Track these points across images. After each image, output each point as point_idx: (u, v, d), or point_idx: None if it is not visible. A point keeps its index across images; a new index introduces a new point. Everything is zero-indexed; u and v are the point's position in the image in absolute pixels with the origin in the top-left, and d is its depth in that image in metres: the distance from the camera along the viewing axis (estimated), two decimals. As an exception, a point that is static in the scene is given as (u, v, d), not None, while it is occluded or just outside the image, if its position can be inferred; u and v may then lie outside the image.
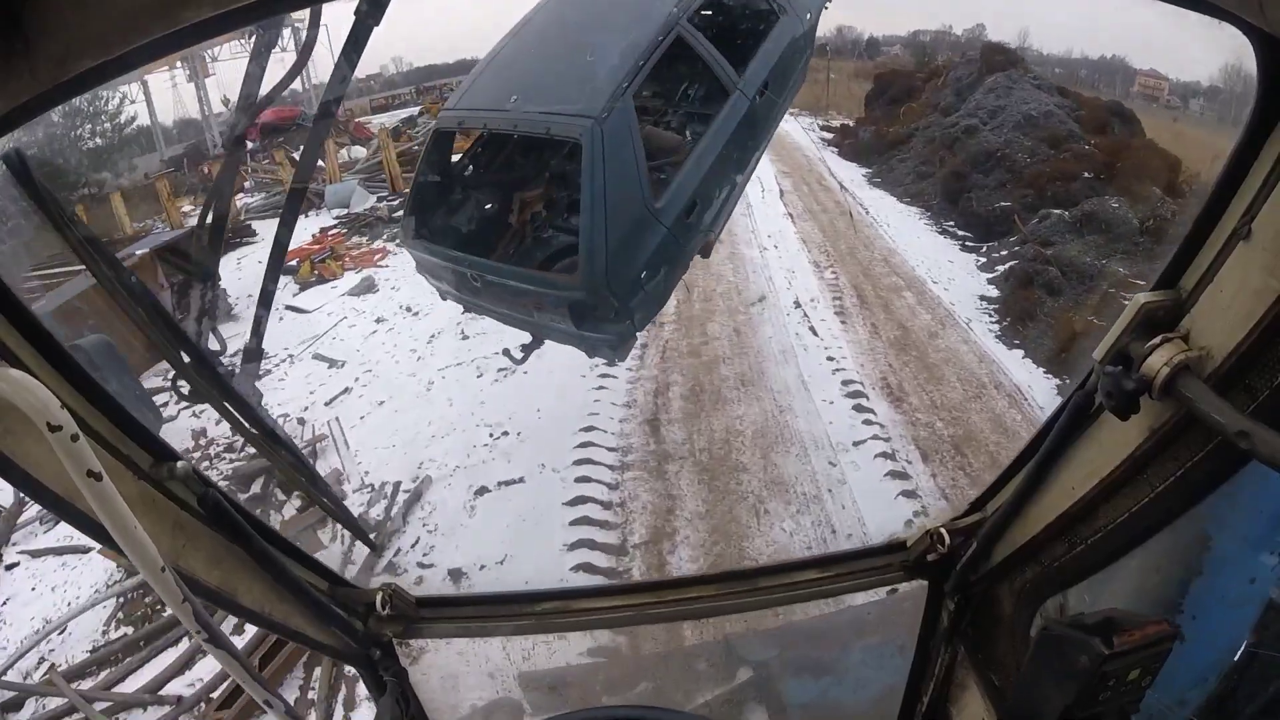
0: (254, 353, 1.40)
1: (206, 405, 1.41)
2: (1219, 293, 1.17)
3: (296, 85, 31.64)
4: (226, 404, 1.39)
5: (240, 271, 15.42)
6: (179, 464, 1.38)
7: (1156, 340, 1.21)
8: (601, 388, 11.02)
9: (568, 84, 6.16)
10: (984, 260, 15.10)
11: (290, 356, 13.39)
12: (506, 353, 7.95)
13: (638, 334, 6.68)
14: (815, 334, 12.24)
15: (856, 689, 2.91)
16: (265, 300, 1.55)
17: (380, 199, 22.29)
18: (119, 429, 1.33)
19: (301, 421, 11.18)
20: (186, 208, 23.50)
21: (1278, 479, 1.06)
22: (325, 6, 1.11)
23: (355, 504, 9.23)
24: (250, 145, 27.75)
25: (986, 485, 1.90)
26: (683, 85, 7.86)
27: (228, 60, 29.16)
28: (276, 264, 1.64)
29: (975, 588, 1.92)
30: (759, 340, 12.16)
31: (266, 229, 19.60)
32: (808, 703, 3.15)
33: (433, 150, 7.13)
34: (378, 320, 14.44)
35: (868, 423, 9.70)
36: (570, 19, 7.09)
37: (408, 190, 7.84)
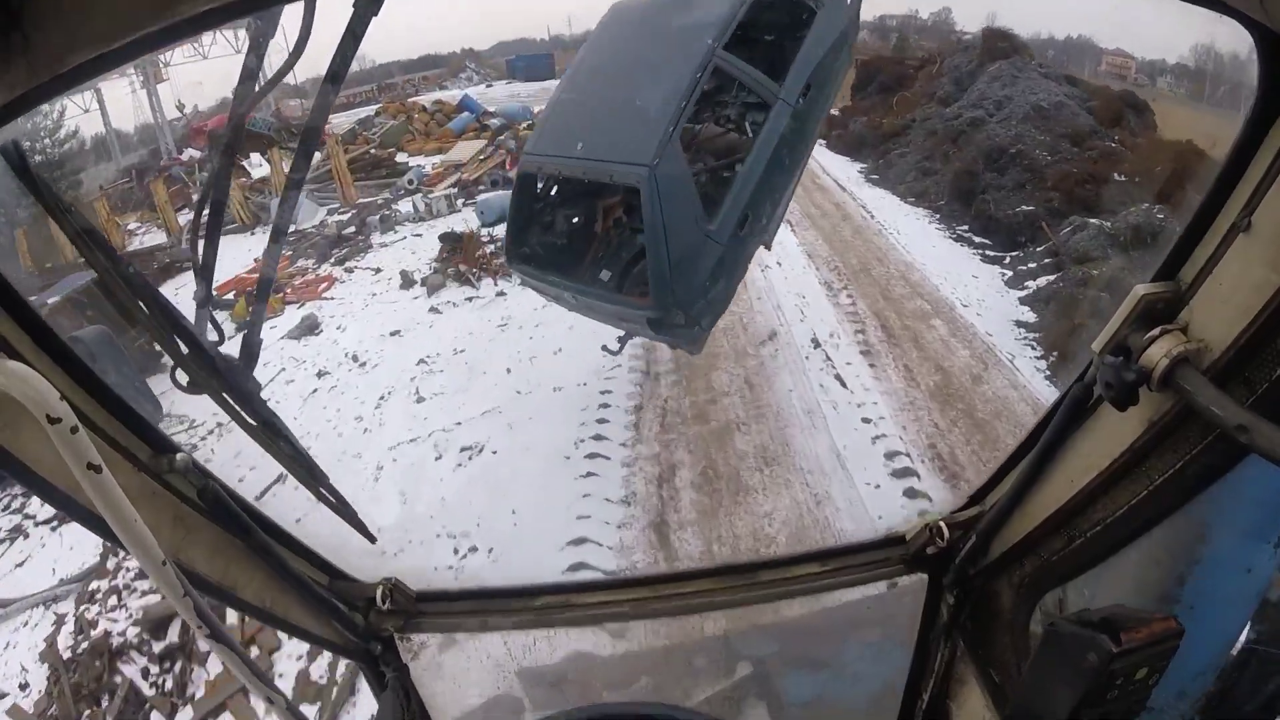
0: (252, 344, 1.40)
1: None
2: (1218, 285, 1.17)
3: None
4: (225, 395, 1.39)
5: (179, 306, 13.53)
6: (179, 456, 1.38)
7: (1156, 332, 1.21)
8: (591, 474, 8.92)
9: (622, 132, 7.03)
10: (1010, 274, 13.53)
11: (216, 428, 10.71)
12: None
13: (707, 333, 7.71)
14: (843, 384, 10.28)
15: (856, 684, 2.91)
16: (263, 290, 1.55)
17: (331, 213, 20.86)
18: (119, 421, 1.33)
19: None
20: (133, 225, 22.14)
21: (1274, 470, 1.05)
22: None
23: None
24: (196, 154, 26.66)
25: (985, 478, 1.90)
26: (727, 105, 8.19)
27: (181, 64, 28.13)
28: (274, 252, 1.64)
29: (974, 581, 1.93)
30: (777, 395, 10.16)
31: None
32: (807, 698, 3.15)
33: (519, 189, 8.33)
34: (319, 374, 12.53)
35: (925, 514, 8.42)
36: (618, 59, 7.85)
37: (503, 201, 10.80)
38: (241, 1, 0.97)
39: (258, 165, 24.59)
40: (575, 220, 8.51)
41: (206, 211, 1.31)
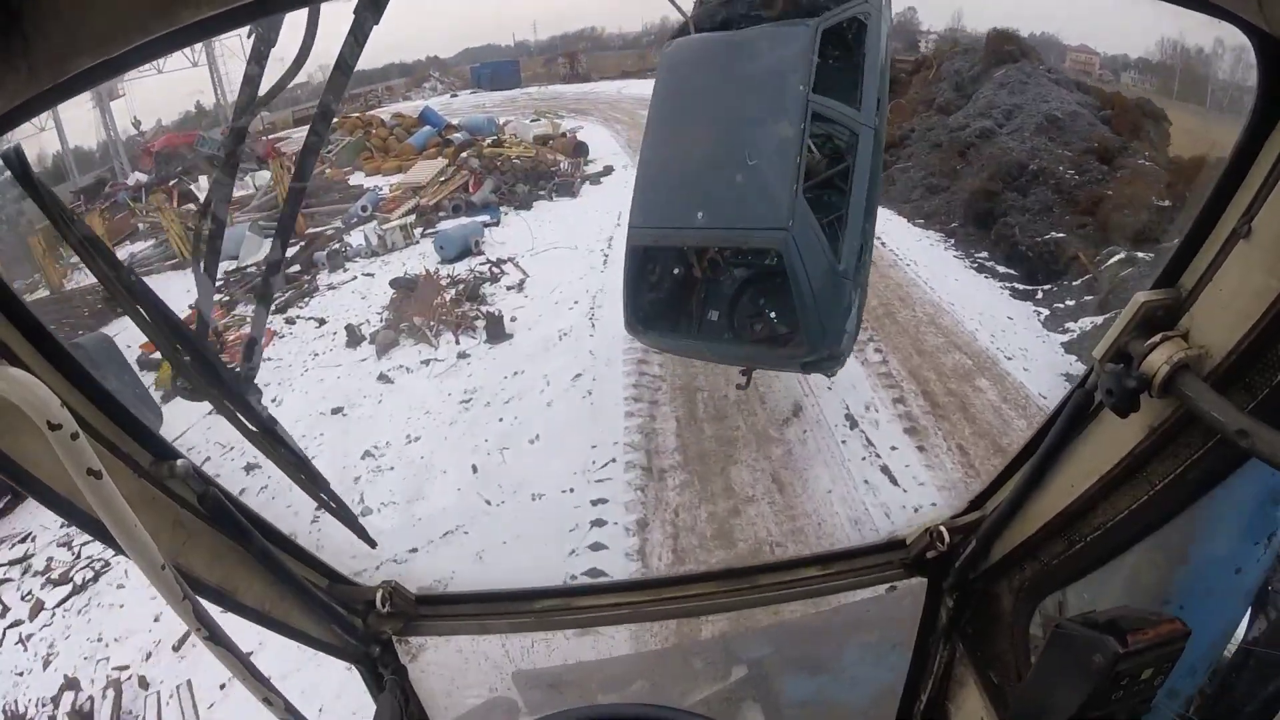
0: (253, 350, 1.40)
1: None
2: (1219, 291, 1.18)
3: (212, 99, 27.48)
4: (226, 402, 1.39)
5: (131, 345, 11.36)
6: (179, 462, 1.38)
7: (1156, 338, 1.21)
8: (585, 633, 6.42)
9: (745, 195, 7.05)
10: (1046, 313, 12.04)
11: (89, 582, 8.91)
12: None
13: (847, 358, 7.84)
14: (893, 481, 8.56)
15: (855, 686, 2.91)
16: (264, 298, 1.55)
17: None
18: (119, 427, 1.33)
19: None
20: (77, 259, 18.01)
21: (1263, 471, 1.06)
22: (324, 6, 1.10)
23: None
24: (142, 178, 23.81)
25: (986, 483, 1.90)
26: (819, 137, 8.12)
27: (135, 79, 25.12)
28: (274, 269, 1.64)
29: (974, 585, 1.93)
30: (814, 499, 8.36)
31: (160, 284, 14.21)
32: (806, 700, 3.16)
33: (633, 264, 8.06)
34: (246, 469, 9.03)
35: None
36: (703, 111, 7.60)
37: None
38: (244, 8, 0.96)
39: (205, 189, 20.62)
40: (676, 272, 8.58)
41: (208, 214, 1.30)
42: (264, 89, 1.26)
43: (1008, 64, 18.28)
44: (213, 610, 1.32)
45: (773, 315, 8.06)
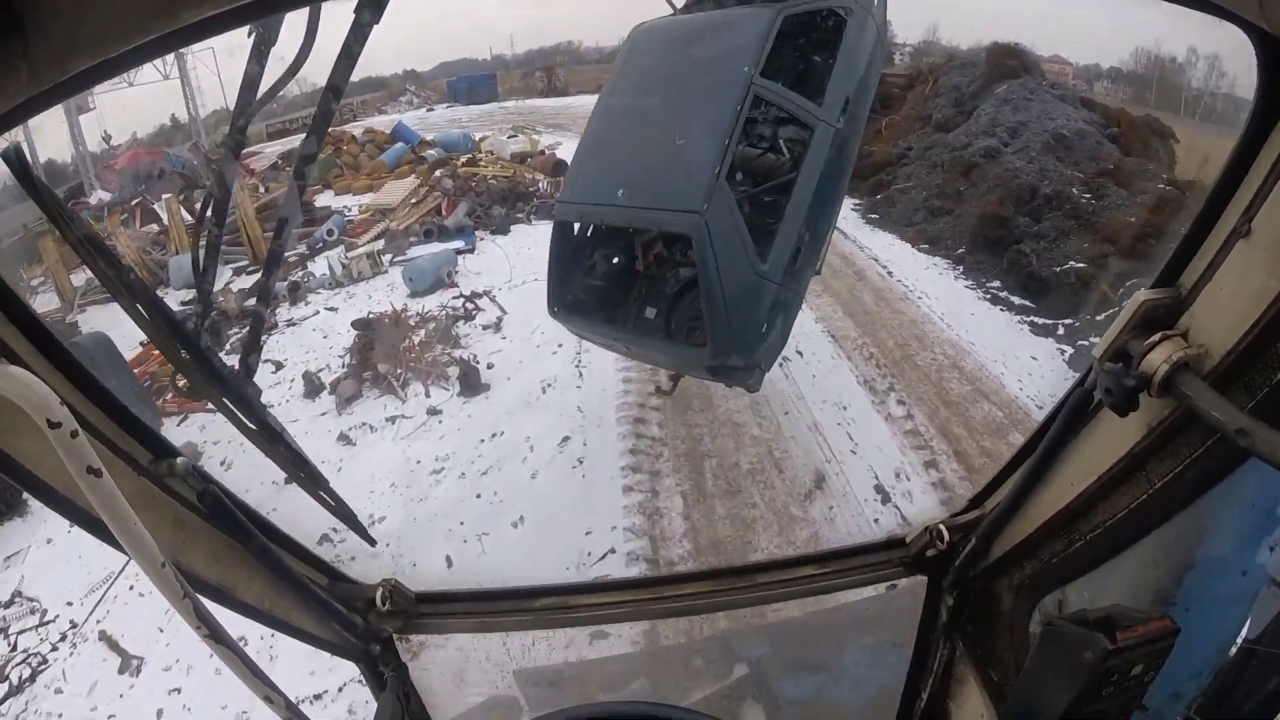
0: (253, 349, 1.41)
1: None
2: (1218, 291, 1.18)
3: (184, 114, 26.41)
4: (226, 400, 1.39)
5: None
6: (179, 460, 1.38)
7: (1156, 338, 1.22)
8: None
9: (665, 175, 6.64)
10: (1070, 350, 11.26)
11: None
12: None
13: (766, 372, 7.40)
14: None
15: (855, 685, 2.91)
16: (264, 297, 1.55)
17: (238, 273, 16.50)
18: (118, 425, 1.33)
19: None
20: (37, 279, 16.70)
21: (1269, 472, 1.06)
22: (324, 6, 1.11)
23: None
24: (106, 196, 21.94)
25: (985, 481, 1.91)
26: (764, 125, 7.83)
27: (105, 92, 23.04)
28: (275, 259, 1.64)
29: (974, 584, 1.93)
30: None
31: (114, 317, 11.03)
32: (806, 699, 3.16)
33: (558, 239, 7.77)
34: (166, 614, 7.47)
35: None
36: (649, 91, 7.34)
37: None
38: (245, 7, 0.97)
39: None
40: (615, 260, 8.21)
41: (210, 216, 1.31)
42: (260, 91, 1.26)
43: (1009, 79, 17.50)
44: (213, 608, 1.33)
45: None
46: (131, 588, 8.12)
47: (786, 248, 6.71)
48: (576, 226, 7.98)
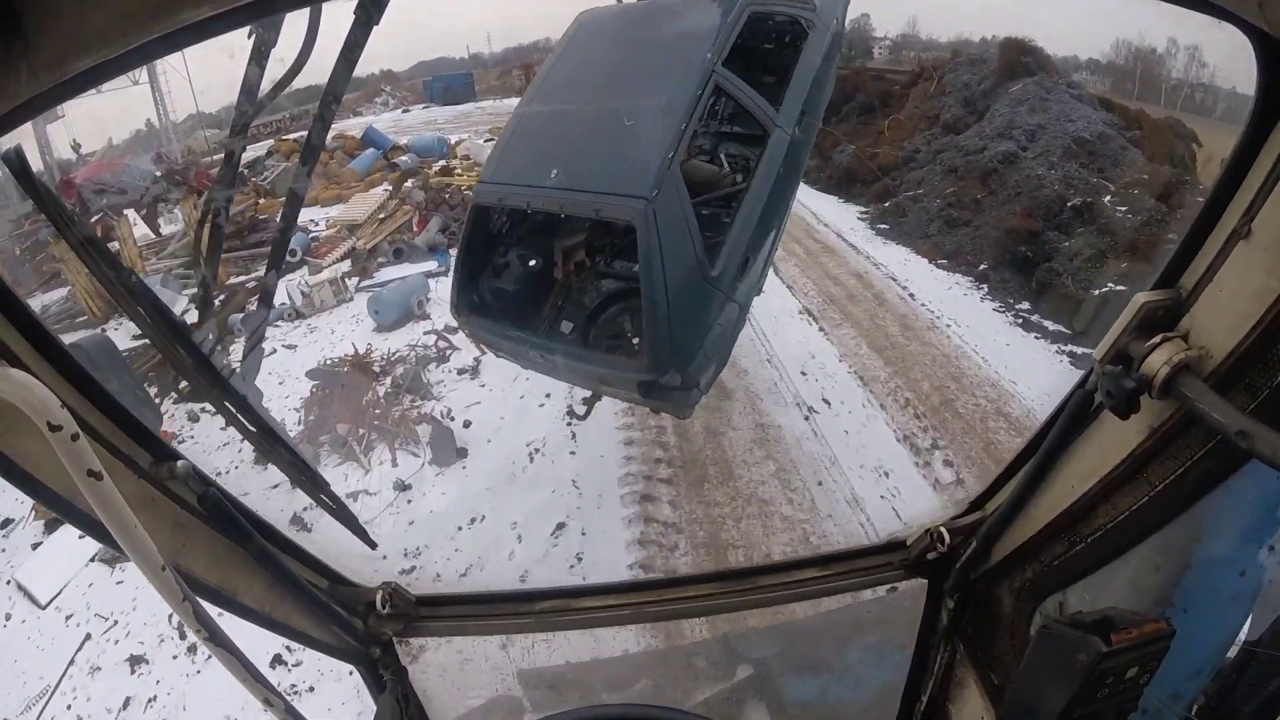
0: (254, 352, 1.41)
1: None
2: (1219, 292, 1.18)
3: (155, 120, 24.82)
4: (226, 403, 1.39)
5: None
6: (179, 463, 1.38)
7: (1156, 339, 1.21)
8: None
9: (610, 156, 6.00)
10: None
11: None
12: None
13: (703, 395, 6.65)
14: None
15: (856, 687, 2.92)
16: (266, 299, 1.55)
17: (192, 300, 13.82)
18: (119, 428, 1.33)
19: None
20: None
21: (1267, 473, 1.06)
22: (325, 6, 1.11)
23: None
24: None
25: (986, 484, 1.90)
26: (722, 130, 7.50)
27: (75, 99, 24.02)
28: (278, 256, 1.64)
29: (975, 586, 1.93)
30: None
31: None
32: (807, 701, 3.16)
33: (472, 226, 7.01)
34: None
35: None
36: (596, 71, 6.81)
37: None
38: (244, 8, 0.97)
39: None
40: (533, 264, 7.33)
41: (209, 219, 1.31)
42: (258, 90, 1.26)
43: (1023, 77, 16.30)
44: (213, 611, 1.33)
45: (635, 340, 6.74)
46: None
47: (736, 257, 6.12)
48: (496, 219, 7.20)
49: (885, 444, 9.08)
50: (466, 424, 10.10)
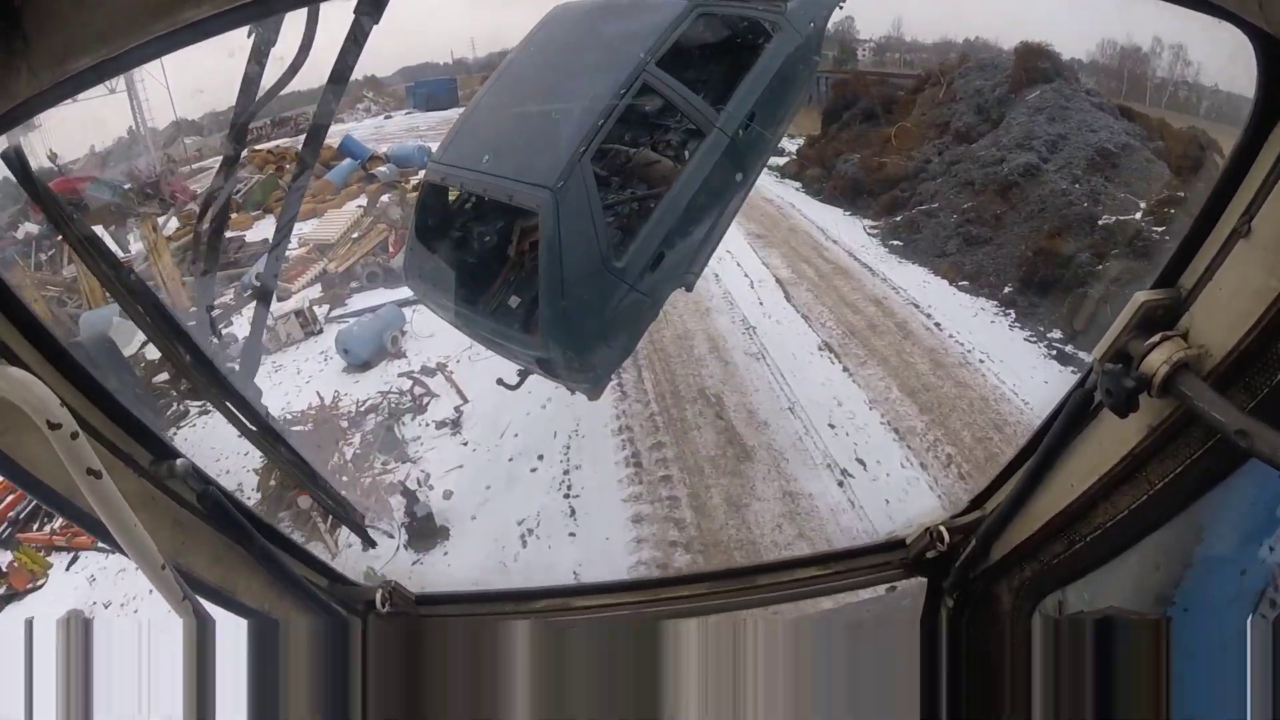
0: (254, 349, 1.41)
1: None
2: (1218, 291, 1.18)
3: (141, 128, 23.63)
4: (226, 402, 1.39)
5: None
6: (179, 461, 1.38)
7: (1156, 338, 1.21)
8: None
9: (531, 147, 6.35)
10: None
11: None
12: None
13: (606, 380, 6.99)
14: None
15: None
16: (264, 298, 1.56)
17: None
18: (119, 426, 1.33)
19: None
20: None
21: (1268, 472, 1.06)
22: (323, 5, 1.11)
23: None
24: (33, 229, 18.12)
25: (986, 483, 1.90)
26: (668, 130, 7.58)
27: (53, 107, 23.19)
28: (277, 256, 1.64)
29: (974, 585, 1.93)
30: None
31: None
32: (807, 700, 3.16)
33: (423, 200, 7.51)
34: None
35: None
36: (544, 66, 7.18)
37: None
38: (244, 7, 0.97)
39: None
40: (488, 240, 7.59)
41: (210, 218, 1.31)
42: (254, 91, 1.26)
43: (1040, 84, 15.40)
44: (212, 610, 1.33)
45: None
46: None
47: (647, 251, 6.28)
48: (452, 194, 7.61)
49: (932, 516, 8.34)
50: (447, 494, 8.86)
